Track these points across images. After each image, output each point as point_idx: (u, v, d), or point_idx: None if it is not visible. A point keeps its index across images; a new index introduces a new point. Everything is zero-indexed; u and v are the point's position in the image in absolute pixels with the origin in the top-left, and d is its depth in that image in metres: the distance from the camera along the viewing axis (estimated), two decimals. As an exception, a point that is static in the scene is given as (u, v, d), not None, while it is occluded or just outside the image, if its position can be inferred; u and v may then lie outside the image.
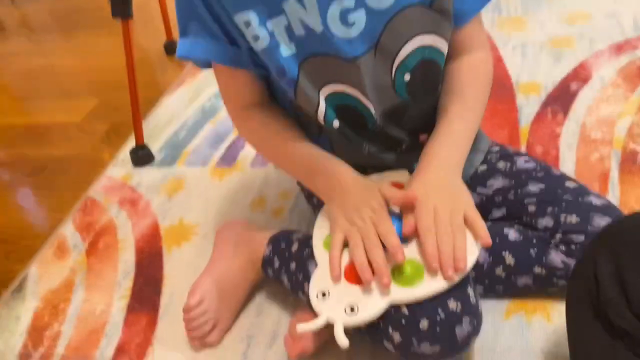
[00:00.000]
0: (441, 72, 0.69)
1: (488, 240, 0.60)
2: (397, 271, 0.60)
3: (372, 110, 0.67)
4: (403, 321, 0.59)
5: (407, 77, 0.66)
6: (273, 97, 0.74)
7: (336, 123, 0.68)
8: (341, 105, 0.67)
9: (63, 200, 1.14)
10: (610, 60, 1.16)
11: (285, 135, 0.71)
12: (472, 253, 0.59)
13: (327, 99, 0.66)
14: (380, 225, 0.62)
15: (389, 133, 0.71)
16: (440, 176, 0.64)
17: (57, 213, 1.11)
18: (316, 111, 0.67)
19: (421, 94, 0.69)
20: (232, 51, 0.65)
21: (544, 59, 1.21)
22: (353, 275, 0.61)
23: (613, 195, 0.86)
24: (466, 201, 0.63)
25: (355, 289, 0.60)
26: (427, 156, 0.66)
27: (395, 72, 0.65)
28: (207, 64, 0.70)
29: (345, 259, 0.63)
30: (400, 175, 0.71)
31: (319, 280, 0.63)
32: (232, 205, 1.01)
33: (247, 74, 0.69)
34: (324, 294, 0.61)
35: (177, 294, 0.87)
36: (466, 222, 0.61)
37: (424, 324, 0.58)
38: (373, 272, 0.59)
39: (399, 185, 0.68)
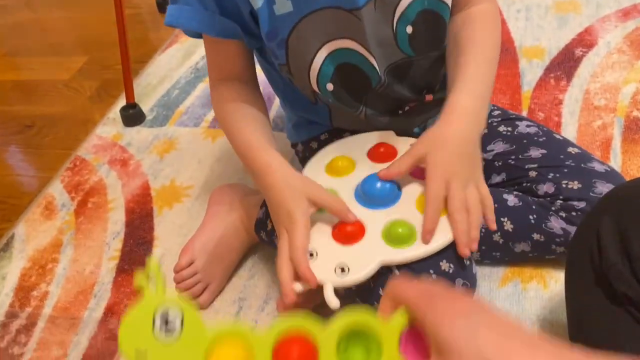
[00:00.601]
0: (445, 25, 0.67)
1: (494, 226, 0.59)
2: (389, 231, 0.58)
3: (377, 67, 0.65)
4: None
5: (409, 29, 0.64)
6: (269, 73, 0.73)
7: (330, 86, 0.66)
8: (343, 65, 0.65)
9: (52, 159, 1.12)
10: (616, 26, 1.12)
11: (240, 116, 0.68)
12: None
13: (329, 58, 0.64)
14: (290, 242, 0.58)
15: (393, 93, 0.68)
16: (462, 129, 0.59)
17: (45, 172, 1.09)
18: (308, 74, 0.64)
19: (425, 48, 0.67)
20: (220, 22, 0.63)
21: (548, 23, 1.17)
22: (342, 235, 0.59)
23: (615, 163, 0.85)
24: (480, 172, 0.60)
25: (345, 249, 0.59)
26: (448, 107, 0.61)
27: (397, 24, 0.63)
28: (197, 34, 0.68)
29: (333, 220, 0.61)
30: (388, 136, 0.69)
31: None
32: (225, 166, 0.99)
33: (232, 47, 0.67)
34: (311, 254, 0.59)
35: (168, 255, 0.85)
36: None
37: None
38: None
39: (388, 146, 0.67)
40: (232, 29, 0.64)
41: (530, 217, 0.67)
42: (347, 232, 0.59)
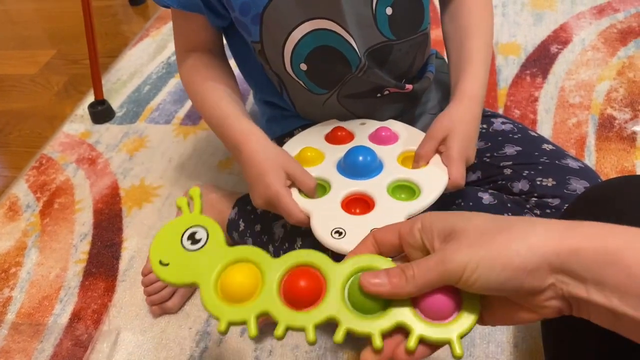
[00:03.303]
0: (423, 10, 0.67)
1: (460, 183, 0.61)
2: (393, 192, 0.60)
3: (357, 49, 0.64)
4: None
5: (388, 11, 0.64)
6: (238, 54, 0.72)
7: (303, 66, 0.65)
8: (322, 47, 0.64)
9: (16, 157, 1.08)
10: (591, 23, 1.13)
11: (210, 86, 0.68)
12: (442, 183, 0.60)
13: (307, 38, 0.63)
14: (282, 211, 0.59)
15: (372, 78, 0.67)
16: (474, 113, 0.64)
17: (9, 171, 1.05)
18: (282, 53, 0.63)
19: (404, 32, 0.66)
20: None
21: (524, 19, 1.17)
22: (350, 206, 0.60)
23: (589, 161, 0.85)
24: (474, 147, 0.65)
25: (346, 216, 0.58)
26: (460, 92, 0.64)
27: (376, 5, 0.63)
28: (165, 4, 0.66)
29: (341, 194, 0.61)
30: (339, 122, 0.70)
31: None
32: (198, 165, 0.97)
33: (199, 19, 0.66)
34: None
35: (137, 258, 0.83)
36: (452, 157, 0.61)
37: None
38: None
39: (344, 129, 0.68)
40: (196, 4, 0.64)
41: (506, 215, 0.67)
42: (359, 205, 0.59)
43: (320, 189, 0.62)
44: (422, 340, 0.34)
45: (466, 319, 0.34)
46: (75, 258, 0.85)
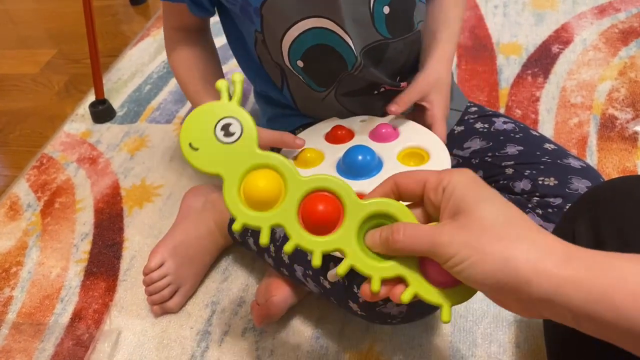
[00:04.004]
0: (415, 8, 0.68)
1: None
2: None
3: (353, 48, 0.64)
4: None
5: (386, 10, 0.64)
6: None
7: (300, 63, 0.66)
8: (319, 45, 0.64)
9: (17, 157, 1.07)
10: (592, 23, 1.12)
11: (192, 63, 0.72)
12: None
13: (303, 36, 0.63)
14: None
15: (368, 76, 0.68)
16: (448, 74, 0.69)
17: (10, 170, 1.05)
18: (281, 48, 0.64)
19: (399, 30, 0.67)
20: None
21: (525, 19, 1.17)
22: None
23: (590, 162, 0.84)
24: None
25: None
26: (438, 53, 0.68)
27: (374, 4, 0.63)
28: None
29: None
30: (338, 120, 0.71)
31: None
32: (198, 165, 0.96)
33: (182, 7, 0.68)
34: None
35: (138, 257, 0.83)
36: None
37: None
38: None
39: (343, 128, 0.68)
40: None
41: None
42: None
43: None
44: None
45: (462, 292, 0.36)
46: (76, 258, 0.85)
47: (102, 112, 1.10)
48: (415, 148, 0.63)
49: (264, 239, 0.37)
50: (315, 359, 0.67)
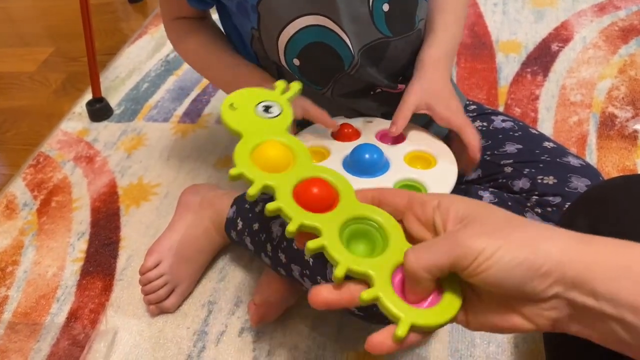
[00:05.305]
0: (417, 5, 0.66)
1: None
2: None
3: (351, 47, 0.63)
4: None
5: (385, 7, 0.63)
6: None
7: (296, 61, 0.65)
8: (316, 44, 0.63)
9: (13, 155, 1.07)
10: (592, 21, 1.12)
11: (214, 47, 0.70)
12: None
13: (300, 34, 0.62)
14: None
15: (366, 76, 0.67)
16: (446, 80, 0.65)
17: (6, 169, 1.04)
18: (277, 46, 0.63)
19: (400, 28, 0.66)
20: None
21: (525, 17, 1.16)
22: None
23: (590, 160, 0.84)
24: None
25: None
26: (430, 59, 0.66)
27: (373, 1, 0.62)
28: None
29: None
30: (345, 119, 0.70)
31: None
32: (196, 164, 0.96)
33: None
34: None
35: (135, 257, 0.82)
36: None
37: None
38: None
39: (350, 126, 0.67)
40: None
41: (506, 215, 0.66)
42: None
43: None
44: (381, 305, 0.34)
45: (431, 315, 0.33)
46: (73, 257, 0.84)
47: (99, 110, 1.09)
48: (423, 152, 0.63)
49: (251, 191, 0.38)
50: (312, 359, 0.67)
